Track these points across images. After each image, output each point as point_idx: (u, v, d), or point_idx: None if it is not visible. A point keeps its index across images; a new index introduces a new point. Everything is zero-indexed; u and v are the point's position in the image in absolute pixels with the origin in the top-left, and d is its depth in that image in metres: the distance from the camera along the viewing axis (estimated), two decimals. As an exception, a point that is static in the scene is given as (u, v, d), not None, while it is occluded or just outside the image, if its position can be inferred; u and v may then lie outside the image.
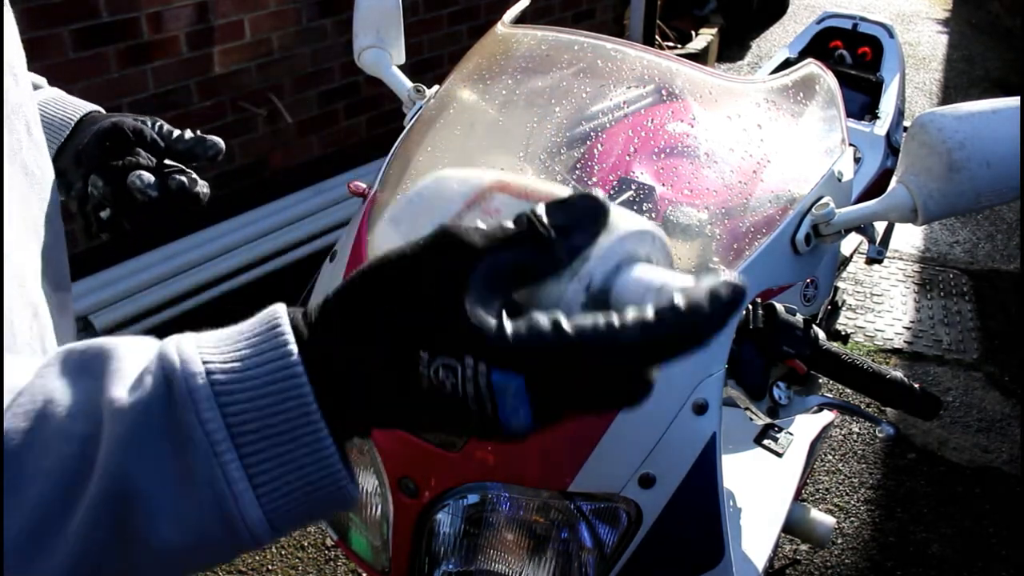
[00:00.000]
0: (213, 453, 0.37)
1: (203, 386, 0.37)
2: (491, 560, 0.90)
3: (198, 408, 0.37)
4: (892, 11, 7.20)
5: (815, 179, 1.00)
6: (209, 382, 0.37)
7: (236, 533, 0.38)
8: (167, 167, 0.83)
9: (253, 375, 0.38)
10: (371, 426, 0.41)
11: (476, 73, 1.16)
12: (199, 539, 0.38)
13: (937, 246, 3.54)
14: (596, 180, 1.05)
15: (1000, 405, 2.60)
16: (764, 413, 0.91)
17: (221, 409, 0.37)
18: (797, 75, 1.10)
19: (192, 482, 0.37)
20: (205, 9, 2.69)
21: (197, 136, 0.85)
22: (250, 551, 0.40)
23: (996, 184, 0.85)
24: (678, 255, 0.95)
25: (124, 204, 0.80)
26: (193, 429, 0.37)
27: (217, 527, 0.38)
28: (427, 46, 3.54)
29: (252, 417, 0.37)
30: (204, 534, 0.38)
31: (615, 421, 0.83)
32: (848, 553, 2.08)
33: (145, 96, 2.62)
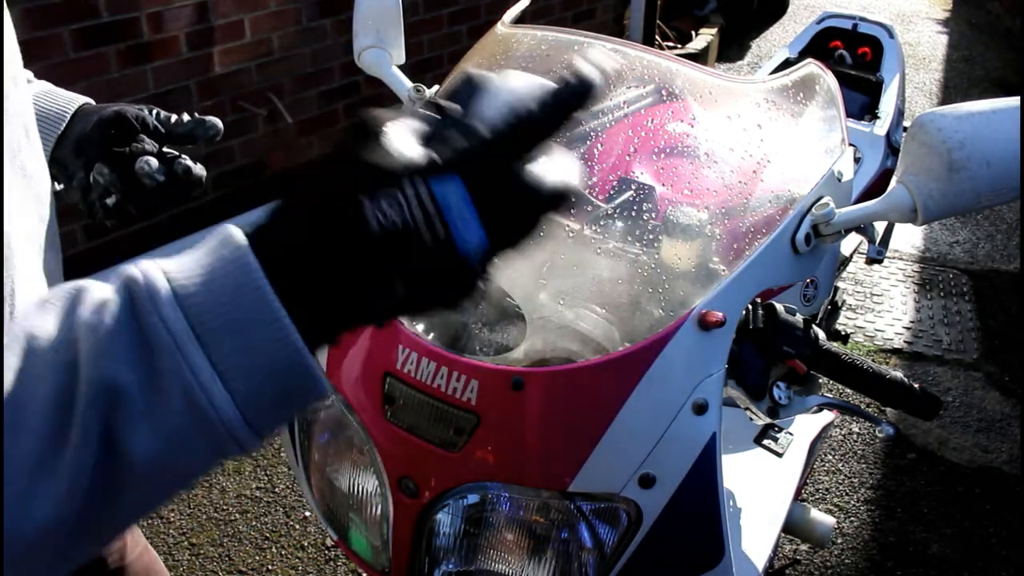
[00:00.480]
0: (177, 349, 0.38)
1: (163, 290, 0.39)
2: (491, 560, 0.90)
3: (160, 310, 0.38)
4: (892, 11, 7.20)
5: (815, 179, 1.00)
6: (169, 286, 0.39)
7: (211, 429, 0.39)
8: (169, 153, 0.84)
9: (209, 274, 0.39)
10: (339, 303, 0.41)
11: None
12: (176, 443, 0.39)
13: (937, 246, 3.54)
14: (596, 180, 1.05)
15: (1000, 405, 2.60)
16: (764, 413, 0.91)
17: (182, 309, 0.38)
18: (797, 75, 1.10)
19: (162, 383, 0.38)
20: (205, 9, 2.69)
21: (196, 119, 0.85)
22: (231, 456, 0.41)
23: (996, 184, 0.85)
24: (678, 255, 0.95)
25: (131, 190, 0.81)
26: (158, 331, 0.38)
27: (191, 425, 0.39)
28: (427, 46, 3.54)
29: (212, 312, 0.39)
30: (180, 435, 0.39)
31: (615, 421, 0.83)
32: (848, 553, 2.08)
33: (145, 96, 2.62)
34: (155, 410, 0.38)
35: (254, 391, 0.40)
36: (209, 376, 0.38)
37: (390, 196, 0.39)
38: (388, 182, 0.40)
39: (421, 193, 0.40)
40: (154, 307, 0.38)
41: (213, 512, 2.15)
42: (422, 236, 0.40)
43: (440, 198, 0.40)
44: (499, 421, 0.85)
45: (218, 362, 0.39)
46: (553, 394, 0.85)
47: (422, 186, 0.40)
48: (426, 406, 0.88)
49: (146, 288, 0.39)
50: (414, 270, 0.41)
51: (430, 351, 0.88)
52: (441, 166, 0.41)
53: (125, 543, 0.96)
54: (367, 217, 0.39)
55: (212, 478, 2.25)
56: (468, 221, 0.41)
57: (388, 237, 0.39)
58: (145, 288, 0.39)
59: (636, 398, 0.83)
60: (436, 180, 0.40)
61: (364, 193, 0.40)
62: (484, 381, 0.85)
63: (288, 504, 2.17)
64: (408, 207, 0.40)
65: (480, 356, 0.89)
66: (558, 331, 0.91)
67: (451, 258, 0.41)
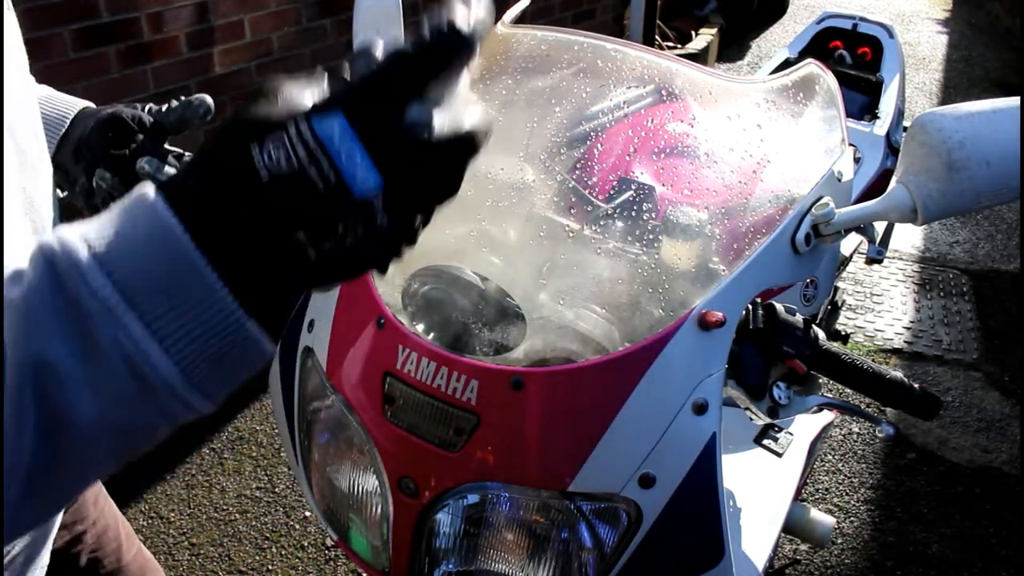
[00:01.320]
0: (112, 318, 0.38)
1: (87, 258, 0.38)
2: (491, 560, 0.90)
3: (86, 279, 0.38)
4: (892, 11, 7.20)
5: (815, 179, 1.00)
6: (92, 255, 0.38)
7: (154, 392, 0.39)
8: (169, 150, 0.84)
9: (132, 238, 0.39)
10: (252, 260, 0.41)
11: (476, 73, 1.16)
12: (123, 407, 0.39)
13: (937, 246, 3.54)
14: (596, 180, 1.05)
15: (1000, 405, 2.60)
16: (764, 413, 0.91)
17: (109, 276, 0.38)
18: (797, 75, 1.10)
19: (99, 352, 0.38)
20: (205, 9, 2.69)
21: (183, 101, 0.84)
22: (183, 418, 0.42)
23: (996, 184, 0.85)
24: (678, 255, 0.95)
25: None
26: (87, 300, 0.38)
27: (134, 390, 0.39)
28: (427, 46, 3.54)
29: (141, 277, 0.38)
30: (126, 400, 0.39)
31: (615, 421, 0.83)
32: (848, 553, 2.08)
33: (145, 96, 2.62)
34: (96, 378, 0.38)
35: (194, 352, 0.40)
36: (147, 341, 0.38)
37: (275, 139, 0.39)
38: (273, 127, 0.39)
39: (303, 130, 0.39)
40: (79, 276, 0.38)
41: (213, 512, 2.15)
42: (309, 176, 0.39)
43: (322, 134, 0.39)
44: (499, 421, 0.85)
45: (153, 325, 0.38)
46: (553, 394, 0.85)
47: (303, 123, 0.39)
48: (426, 406, 0.88)
49: (67, 258, 0.38)
50: (313, 218, 0.40)
51: (430, 351, 0.88)
52: (322, 105, 0.40)
53: (121, 544, 0.96)
54: (255, 162, 0.39)
55: (212, 478, 2.26)
56: (356, 158, 0.39)
57: (277, 181, 0.39)
58: (66, 258, 0.38)
59: (636, 398, 0.83)
60: (317, 117, 0.39)
61: (251, 140, 0.39)
62: (484, 381, 0.85)
63: (288, 504, 2.17)
64: (291, 146, 0.39)
65: (480, 356, 0.89)
66: (558, 331, 0.91)
67: (346, 201, 0.40)
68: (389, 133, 0.40)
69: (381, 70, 0.41)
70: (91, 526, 0.91)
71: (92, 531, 0.91)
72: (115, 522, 0.97)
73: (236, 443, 2.38)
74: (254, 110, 0.40)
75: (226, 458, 2.33)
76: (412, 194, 0.42)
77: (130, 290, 0.38)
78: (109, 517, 0.96)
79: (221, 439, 2.40)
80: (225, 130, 0.41)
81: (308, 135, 0.39)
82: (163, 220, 0.39)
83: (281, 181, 0.39)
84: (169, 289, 0.39)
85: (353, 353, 0.96)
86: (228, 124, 0.41)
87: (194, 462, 2.31)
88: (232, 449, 2.36)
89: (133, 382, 0.39)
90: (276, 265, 0.41)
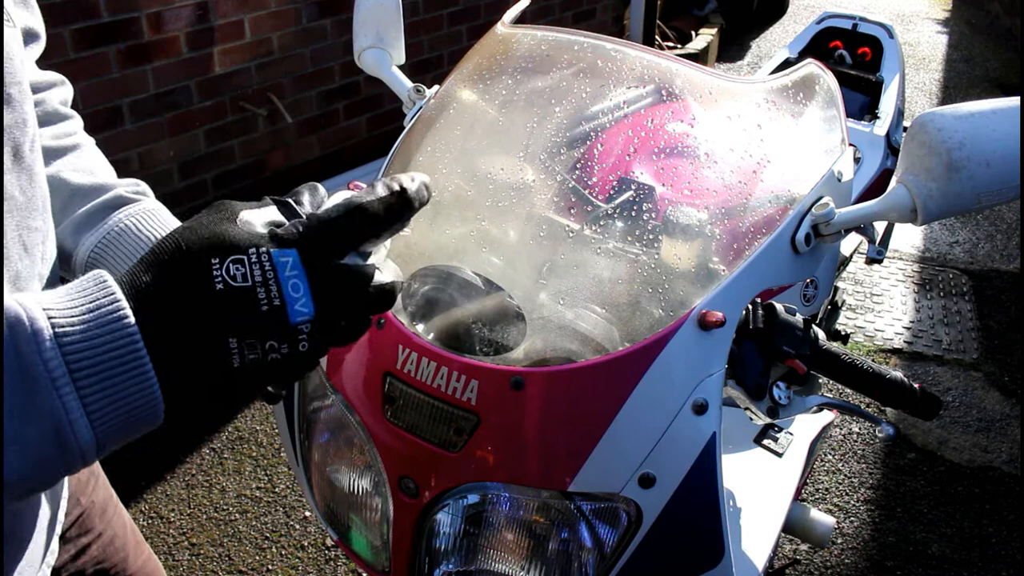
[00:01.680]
0: (54, 388, 0.43)
1: (45, 330, 0.43)
2: (491, 560, 0.90)
3: (40, 349, 0.42)
4: (892, 11, 7.20)
5: (815, 179, 1.00)
6: (51, 327, 0.43)
7: (69, 455, 0.44)
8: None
9: (87, 321, 0.44)
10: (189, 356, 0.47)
11: (476, 73, 1.16)
12: (37, 463, 0.44)
13: (937, 246, 3.54)
14: (596, 180, 1.05)
15: (1000, 405, 2.60)
16: (764, 413, 0.91)
17: (61, 349, 0.43)
18: (797, 75, 1.10)
19: (34, 413, 0.43)
20: (205, 9, 2.69)
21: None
22: (76, 472, 0.48)
23: (996, 184, 0.85)
24: (678, 255, 0.95)
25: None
26: (36, 367, 0.42)
27: (54, 451, 0.44)
28: (427, 46, 3.54)
29: (86, 356, 0.44)
30: (42, 458, 0.44)
31: (615, 421, 0.83)
32: (848, 553, 2.08)
33: (145, 96, 2.62)
34: (23, 438, 0.42)
35: (113, 425, 0.45)
36: (78, 414, 0.43)
37: (237, 258, 0.47)
38: (236, 250, 0.47)
39: (263, 255, 0.47)
40: (37, 347, 0.42)
41: (213, 512, 2.15)
42: (258, 294, 0.46)
43: (277, 263, 0.47)
44: (499, 421, 0.85)
45: (87, 401, 0.44)
46: (553, 394, 0.85)
47: (265, 254, 0.47)
48: (426, 406, 0.88)
49: (30, 327, 0.43)
50: (247, 332, 0.47)
51: (430, 351, 0.88)
52: (283, 240, 0.48)
53: (128, 555, 0.96)
54: (212, 272, 0.46)
55: (212, 478, 2.26)
56: (300, 289, 0.47)
57: (229, 292, 0.46)
58: (29, 327, 0.43)
59: (636, 398, 0.83)
60: (278, 251, 0.47)
61: (214, 255, 0.47)
62: (484, 381, 0.85)
63: (288, 504, 2.17)
64: (249, 266, 0.47)
65: (480, 356, 0.89)
66: (558, 331, 0.91)
67: (281, 323, 0.47)
68: (331, 276, 0.49)
69: (338, 220, 0.50)
70: (96, 538, 0.91)
71: (98, 543, 0.91)
72: (124, 531, 0.97)
73: (236, 443, 2.38)
74: (219, 228, 0.48)
75: (226, 458, 2.33)
76: (334, 328, 0.50)
77: (75, 364, 0.43)
78: (117, 527, 0.96)
79: (221, 439, 2.40)
80: (187, 240, 0.47)
81: (267, 261, 0.47)
82: (117, 307, 0.45)
83: (233, 292, 0.46)
84: (108, 370, 0.44)
85: (353, 353, 0.96)
86: (191, 235, 0.48)
87: (194, 462, 2.31)
88: (232, 449, 2.36)
89: (56, 446, 0.44)
90: (203, 363, 0.47)
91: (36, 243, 0.64)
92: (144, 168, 2.66)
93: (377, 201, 0.51)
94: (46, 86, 0.81)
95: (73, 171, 0.76)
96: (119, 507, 0.98)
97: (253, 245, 0.47)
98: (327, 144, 3.27)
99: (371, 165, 3.32)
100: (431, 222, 1.01)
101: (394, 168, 1.10)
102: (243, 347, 0.47)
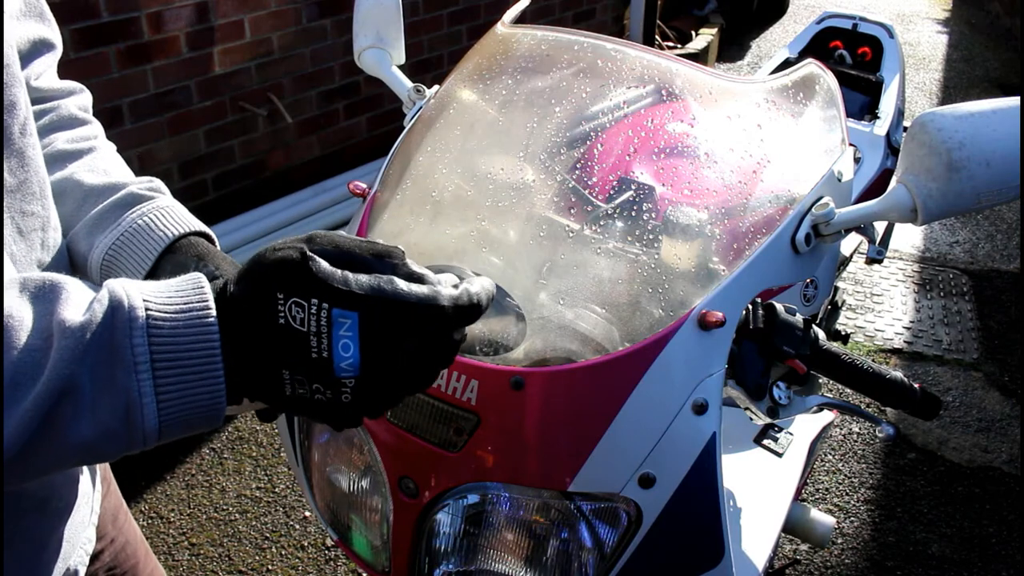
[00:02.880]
0: (135, 370, 0.47)
1: (140, 318, 0.47)
2: (491, 560, 0.90)
3: (132, 334, 0.47)
4: (892, 11, 7.20)
5: (815, 179, 1.00)
6: (145, 316, 0.47)
7: (134, 433, 0.48)
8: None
9: (178, 318, 0.48)
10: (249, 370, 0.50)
11: (476, 73, 1.16)
12: (104, 436, 0.47)
13: (937, 246, 3.54)
14: (596, 180, 1.04)
15: (1000, 405, 2.60)
16: (764, 413, 0.91)
17: (149, 339, 0.47)
18: (797, 75, 1.10)
19: (113, 390, 0.46)
20: (205, 9, 2.69)
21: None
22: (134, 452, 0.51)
23: (996, 184, 0.85)
24: (678, 255, 0.95)
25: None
26: (124, 348, 0.46)
27: (121, 426, 0.47)
28: (427, 46, 3.54)
29: (171, 350, 0.48)
30: (109, 432, 0.47)
31: (615, 421, 0.83)
32: (848, 553, 2.08)
33: (145, 96, 2.62)
34: (98, 408, 0.46)
35: (177, 418, 0.49)
36: (151, 400, 0.47)
37: (300, 301, 0.49)
38: (306, 293, 0.49)
39: (323, 309, 0.49)
40: (130, 331, 0.46)
41: (213, 512, 2.15)
42: (309, 342, 0.49)
43: (335, 320, 0.49)
44: (499, 421, 0.85)
45: (161, 389, 0.47)
46: (553, 394, 0.85)
47: (326, 304, 0.49)
48: (426, 406, 0.88)
49: (128, 312, 0.47)
50: (297, 369, 0.49)
51: (430, 351, 0.88)
52: (351, 299, 0.49)
53: (139, 562, 0.96)
54: (276, 309, 0.49)
55: (212, 478, 2.26)
56: (350, 350, 0.49)
57: (286, 330, 0.49)
58: (128, 312, 0.47)
59: (636, 398, 0.83)
60: (340, 310, 0.49)
61: (281, 290, 0.49)
62: (484, 381, 0.85)
63: (288, 504, 2.17)
64: (308, 314, 0.49)
65: (480, 356, 0.89)
66: (558, 331, 0.91)
67: (326, 373, 0.49)
68: (383, 347, 0.50)
69: (409, 304, 0.51)
70: (109, 544, 0.91)
71: (110, 549, 0.91)
72: (135, 539, 0.97)
73: (236, 443, 2.38)
74: (294, 263, 0.49)
75: (226, 458, 2.33)
76: (378, 390, 0.52)
77: (159, 355, 0.47)
78: (129, 534, 0.96)
79: (221, 439, 2.40)
80: (269, 268, 0.50)
81: (324, 316, 0.49)
82: (207, 312, 0.49)
83: (289, 331, 0.49)
84: (186, 367, 0.48)
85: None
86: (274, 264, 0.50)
87: (194, 462, 2.31)
88: (232, 449, 2.36)
89: (125, 424, 0.47)
90: (261, 379, 0.50)
91: (33, 228, 0.64)
92: (144, 168, 2.66)
93: (452, 306, 0.53)
94: (65, 93, 0.80)
95: (87, 171, 0.75)
96: (129, 516, 0.98)
97: (316, 296, 0.49)
98: (327, 144, 3.26)
99: (371, 165, 3.32)
100: (431, 222, 1.01)
101: (393, 168, 1.09)
102: (294, 381, 0.50)
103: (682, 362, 0.85)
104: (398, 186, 1.07)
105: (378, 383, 0.51)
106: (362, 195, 1.08)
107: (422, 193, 1.05)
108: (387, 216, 1.04)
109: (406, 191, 1.06)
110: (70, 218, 0.73)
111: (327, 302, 0.49)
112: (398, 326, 0.50)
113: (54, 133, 0.77)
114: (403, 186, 1.07)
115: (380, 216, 1.04)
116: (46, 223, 0.66)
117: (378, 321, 0.49)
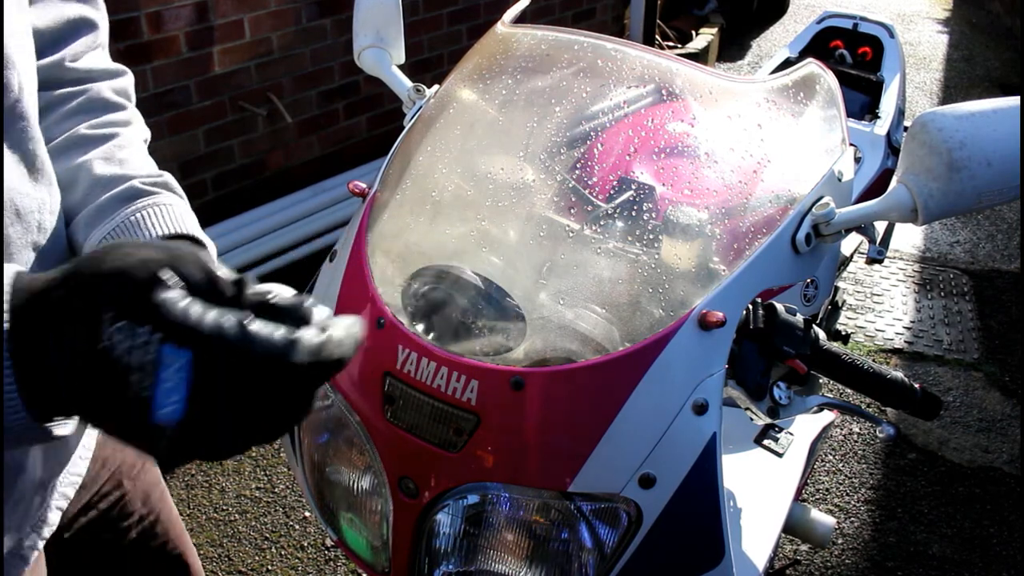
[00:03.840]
0: None
1: None
2: (491, 560, 0.90)
3: None
4: (892, 11, 7.20)
5: (815, 179, 1.00)
6: None
7: None
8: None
9: None
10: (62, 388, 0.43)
11: (476, 73, 1.16)
12: None
13: (937, 246, 3.54)
14: (596, 180, 1.04)
15: (1000, 405, 2.60)
16: (764, 413, 0.91)
17: None
18: (797, 75, 1.10)
19: None
20: (205, 9, 2.68)
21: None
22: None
23: (997, 183, 0.85)
24: (678, 255, 0.95)
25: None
26: None
27: None
28: (427, 46, 3.54)
29: None
30: None
31: (615, 421, 0.83)
32: (848, 553, 2.08)
33: (145, 96, 2.62)
34: None
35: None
36: None
37: (128, 330, 0.40)
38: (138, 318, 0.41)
39: (151, 344, 0.40)
40: None
41: (213, 512, 2.15)
42: (128, 377, 0.40)
43: (164, 359, 0.41)
44: (499, 421, 0.85)
45: None
46: (553, 394, 0.85)
47: (157, 338, 0.40)
48: (426, 406, 0.88)
49: None
50: (107, 401, 0.42)
51: (430, 351, 0.88)
52: (186, 336, 0.41)
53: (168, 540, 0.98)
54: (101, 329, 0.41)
55: (212, 478, 2.25)
56: (174, 396, 0.41)
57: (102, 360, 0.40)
58: None
59: (636, 398, 0.83)
60: (172, 347, 0.41)
61: (108, 306, 0.41)
62: (484, 381, 0.85)
63: (288, 504, 2.17)
64: (132, 345, 0.40)
65: (480, 356, 0.89)
66: (558, 331, 0.91)
67: (141, 417, 0.41)
68: (215, 397, 0.42)
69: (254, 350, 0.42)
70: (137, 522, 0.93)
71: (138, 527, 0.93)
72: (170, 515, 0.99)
73: (236, 443, 2.38)
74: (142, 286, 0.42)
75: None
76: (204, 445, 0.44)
77: None
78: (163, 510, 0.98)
79: (221, 439, 2.39)
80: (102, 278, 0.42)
81: (153, 349, 0.40)
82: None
83: (106, 361, 0.40)
84: None
85: (353, 353, 0.95)
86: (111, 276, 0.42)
87: (194, 462, 2.31)
88: (232, 449, 2.36)
89: None
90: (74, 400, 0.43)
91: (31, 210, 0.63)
92: (144, 168, 2.66)
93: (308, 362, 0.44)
94: (103, 76, 0.78)
95: (102, 160, 0.73)
96: (165, 492, 0.99)
97: (149, 323, 0.41)
98: (327, 144, 3.26)
99: (371, 165, 3.32)
100: (431, 222, 1.01)
101: (393, 168, 1.09)
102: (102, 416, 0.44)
103: (682, 362, 0.85)
104: (398, 186, 1.07)
105: (203, 438, 0.43)
106: (362, 195, 1.08)
107: (422, 193, 1.05)
108: (387, 216, 1.04)
109: (406, 191, 1.06)
110: (77, 206, 0.72)
111: (159, 333, 0.41)
112: (239, 375, 0.42)
113: (79, 116, 0.75)
114: (403, 186, 1.07)
115: (380, 216, 1.04)
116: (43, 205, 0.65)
117: (218, 366, 0.41)
